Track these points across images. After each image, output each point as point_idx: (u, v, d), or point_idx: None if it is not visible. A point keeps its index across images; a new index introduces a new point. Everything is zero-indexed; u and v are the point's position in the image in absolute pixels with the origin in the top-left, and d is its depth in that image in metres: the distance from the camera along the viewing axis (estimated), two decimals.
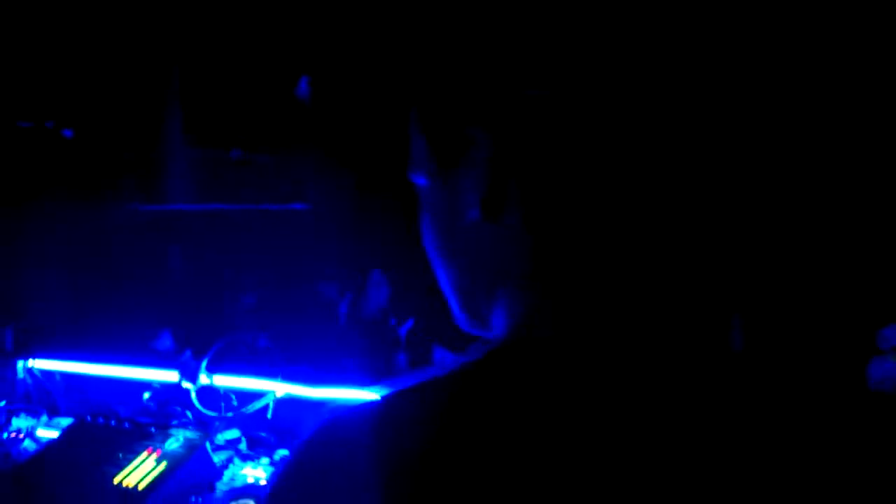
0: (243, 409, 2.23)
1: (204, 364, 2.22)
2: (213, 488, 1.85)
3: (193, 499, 1.75)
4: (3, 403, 2.49)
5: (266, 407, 2.25)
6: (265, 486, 1.88)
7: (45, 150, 3.05)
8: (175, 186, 3.82)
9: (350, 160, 4.78)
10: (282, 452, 2.18)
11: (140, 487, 1.79)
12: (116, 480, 1.83)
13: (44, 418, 2.51)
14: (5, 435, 2.33)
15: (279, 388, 2.28)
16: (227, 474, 2.00)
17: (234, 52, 4.05)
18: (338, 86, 4.60)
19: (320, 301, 4.34)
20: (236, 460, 2.11)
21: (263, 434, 2.26)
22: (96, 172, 3.18)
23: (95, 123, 3.28)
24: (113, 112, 3.36)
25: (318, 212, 4.50)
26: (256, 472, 2.04)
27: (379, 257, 4.57)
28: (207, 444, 1.97)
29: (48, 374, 2.72)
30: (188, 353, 2.27)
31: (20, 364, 2.68)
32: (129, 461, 1.89)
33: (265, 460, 2.14)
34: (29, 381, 2.69)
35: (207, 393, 2.26)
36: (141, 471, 1.85)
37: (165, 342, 2.24)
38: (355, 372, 2.31)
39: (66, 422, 2.34)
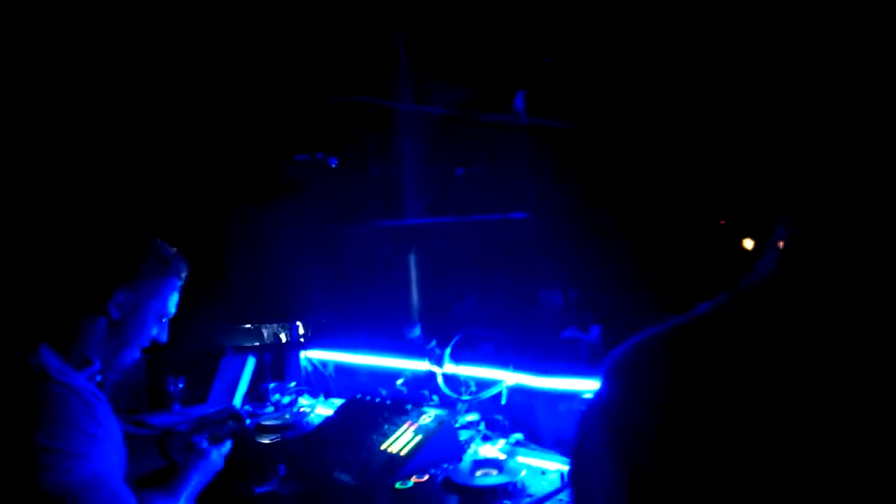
0: (481, 395, 2.50)
1: (448, 352, 2.54)
2: (460, 459, 2.12)
3: (445, 465, 2.04)
4: (293, 384, 3.07)
5: (499, 394, 2.51)
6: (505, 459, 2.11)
7: (319, 177, 3.72)
8: (412, 203, 4.33)
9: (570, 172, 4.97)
10: (516, 436, 2.41)
11: (402, 454, 2.13)
12: (383, 447, 2.19)
13: (321, 398, 3.04)
14: (296, 409, 2.88)
15: (510, 378, 2.52)
16: (470, 450, 2.28)
17: (459, 77, 4.47)
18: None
19: (541, 304, 4.56)
20: (477, 439, 2.38)
21: (499, 417, 2.52)
22: (353, 195, 3.79)
23: (351, 153, 3.89)
24: (363, 142, 3.98)
25: (538, 221, 4.73)
26: (494, 450, 2.28)
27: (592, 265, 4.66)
28: (453, 422, 2.27)
29: (323, 363, 3.29)
30: (434, 343, 2.61)
31: (302, 353, 3.28)
32: (393, 432, 2.25)
33: (501, 440, 2.38)
34: (309, 368, 3.27)
35: (451, 379, 2.58)
36: (402, 440, 2.20)
37: (416, 332, 2.61)
38: (572, 366, 2.46)
39: (338, 402, 2.81)
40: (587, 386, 2.37)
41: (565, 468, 1.95)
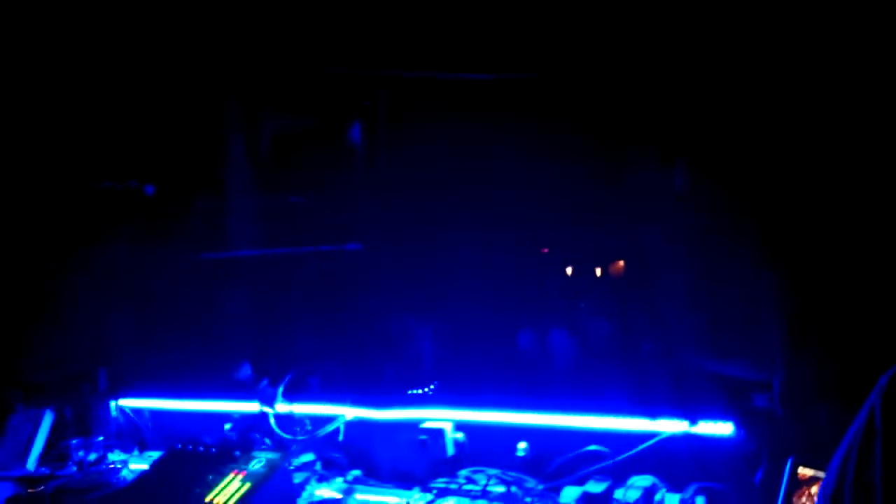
0: (317, 433, 2.39)
1: (280, 391, 2.40)
2: (293, 502, 2.00)
3: None
4: (101, 439, 2.72)
5: (337, 430, 2.41)
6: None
7: (129, 206, 3.37)
8: (239, 233, 4.10)
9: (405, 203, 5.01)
10: (354, 472, 2.33)
11: None
12: (207, 500, 2.00)
13: (135, 452, 2.73)
14: (105, 466, 2.55)
15: (348, 412, 2.43)
16: (305, 493, 2.16)
17: (293, 110, 4.36)
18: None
19: (381, 335, 4.52)
20: (313, 481, 2.26)
21: (336, 455, 2.42)
22: (172, 225, 3.49)
23: (170, 181, 3.60)
24: (186, 170, 3.69)
25: (370, 251, 4.71)
26: (331, 491, 2.18)
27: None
28: (287, 465, 2.13)
29: (138, 412, 2.95)
30: (265, 382, 2.45)
31: (112, 403, 2.93)
32: (218, 482, 2.06)
33: (339, 480, 2.28)
34: (121, 418, 2.92)
35: (284, 418, 2.44)
36: (229, 490, 2.02)
37: (246, 372, 2.44)
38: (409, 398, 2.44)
39: (155, 454, 2.54)
40: (426, 415, 2.36)
41: (399, 501, 1.90)
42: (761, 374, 1.75)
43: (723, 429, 1.95)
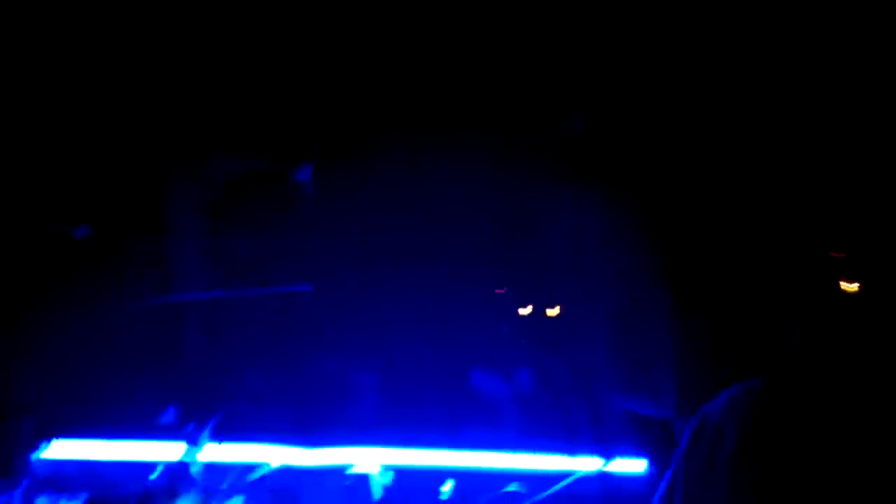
0: (244, 479, 2.36)
1: (206, 434, 2.38)
2: None
3: None
4: (22, 488, 2.64)
5: (264, 476, 2.39)
6: None
7: (62, 251, 3.34)
8: (183, 277, 4.07)
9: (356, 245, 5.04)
10: None
11: None
12: None
13: (63, 501, 2.65)
14: None
15: (276, 456, 2.42)
16: None
17: (235, 150, 4.38)
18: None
19: (324, 378, 4.49)
20: None
21: (264, 503, 2.39)
22: (108, 270, 3.46)
23: (106, 225, 3.58)
24: (123, 213, 3.68)
25: (320, 294, 4.71)
26: None
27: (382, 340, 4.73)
28: None
29: (62, 461, 2.87)
30: (192, 426, 2.42)
31: (38, 450, 2.84)
32: None
33: None
34: (45, 467, 2.84)
35: (211, 466, 2.41)
36: None
37: (170, 416, 2.41)
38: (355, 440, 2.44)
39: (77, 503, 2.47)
40: (353, 456, 2.36)
41: None
42: (668, 412, 1.83)
43: (636, 466, 2.01)
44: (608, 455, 2.01)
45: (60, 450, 2.85)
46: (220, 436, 2.44)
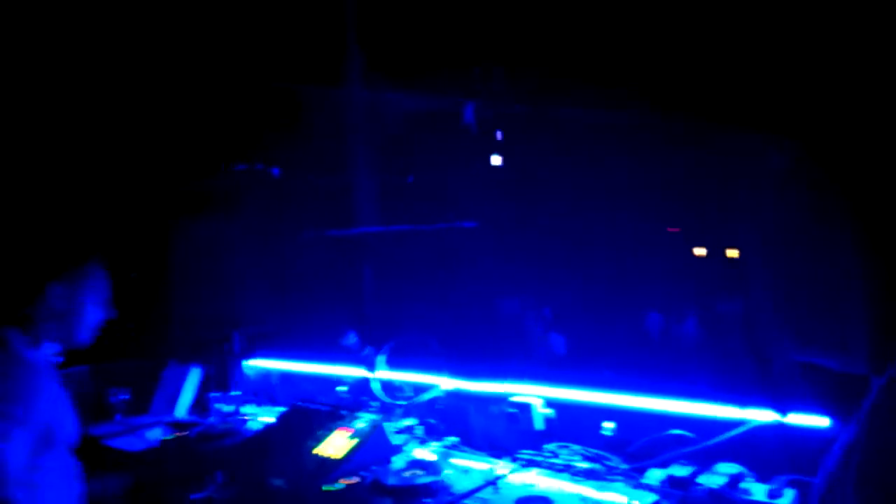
0: (416, 399, 2.58)
1: (382, 358, 2.62)
2: (389, 461, 2.19)
3: (374, 467, 2.10)
4: (237, 394, 3.10)
5: (435, 398, 2.58)
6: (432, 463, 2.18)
7: (259, 188, 3.75)
8: (361, 212, 4.38)
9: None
10: (451, 439, 2.49)
11: (334, 458, 2.19)
12: (316, 451, 2.25)
13: (266, 407, 3.07)
14: (238, 417, 2.91)
15: (445, 383, 2.60)
16: (403, 453, 2.35)
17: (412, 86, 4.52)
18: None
19: (490, 314, 4.66)
20: (413, 442, 2.45)
21: (433, 421, 2.59)
22: (298, 205, 3.83)
23: (295, 163, 3.94)
24: (309, 152, 4.01)
25: (484, 230, 4.83)
26: (427, 452, 2.36)
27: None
28: (386, 426, 2.33)
29: (267, 372, 3.32)
30: (370, 350, 2.67)
31: (248, 363, 3.31)
32: (326, 437, 2.31)
33: (436, 444, 2.46)
34: (253, 377, 3.30)
35: (388, 385, 2.65)
36: (335, 445, 2.26)
37: (351, 339, 2.67)
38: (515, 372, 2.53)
39: (279, 409, 2.85)
40: (518, 390, 2.46)
41: (488, 467, 2.03)
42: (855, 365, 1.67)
43: (816, 419, 1.88)
44: (784, 407, 1.90)
45: (263, 364, 3.29)
46: (394, 361, 2.65)
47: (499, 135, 5.27)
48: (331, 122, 4.29)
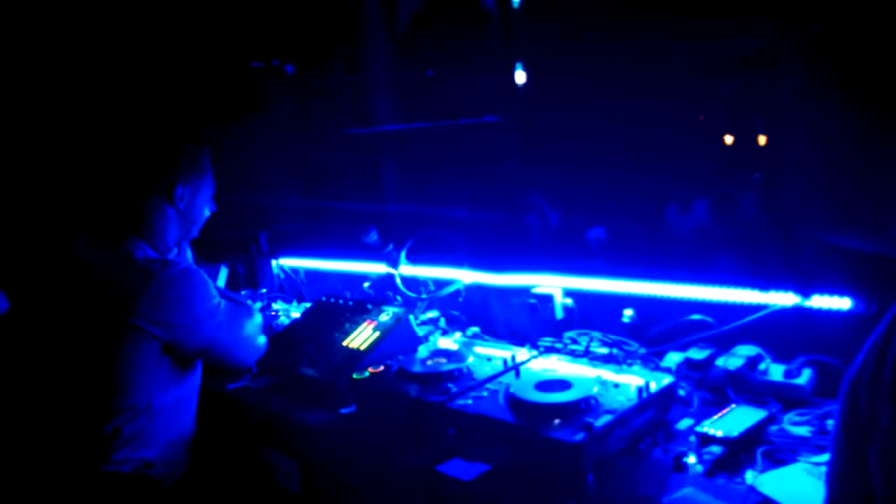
0: (438, 293, 2.63)
1: (403, 254, 2.65)
2: (414, 350, 2.27)
3: (401, 356, 2.18)
4: (265, 291, 3.20)
5: (458, 291, 2.64)
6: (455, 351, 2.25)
7: (274, 84, 3.69)
8: (380, 109, 4.29)
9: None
10: (473, 329, 2.56)
11: (361, 348, 2.27)
12: (345, 343, 2.33)
13: (294, 303, 3.18)
14: (268, 313, 3.02)
15: (466, 276, 2.64)
16: (428, 343, 2.43)
17: None
18: None
19: (513, 208, 4.63)
20: (436, 333, 2.53)
21: (456, 313, 2.66)
22: (315, 102, 3.77)
23: (311, 60, 3.83)
24: (326, 48, 3.90)
25: (507, 124, 4.71)
26: (450, 342, 2.43)
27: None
28: (411, 318, 2.40)
29: (294, 270, 3.40)
30: (391, 246, 2.70)
31: (273, 262, 3.39)
32: (354, 329, 2.39)
33: (458, 334, 2.53)
34: (281, 275, 3.39)
35: (411, 280, 2.70)
36: (362, 336, 2.34)
37: (372, 237, 2.71)
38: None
39: (307, 305, 2.94)
40: (535, 281, 2.49)
41: (509, 354, 2.09)
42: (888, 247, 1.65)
43: (839, 303, 1.88)
44: (807, 290, 1.89)
45: (290, 262, 3.37)
46: (415, 257, 2.69)
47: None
48: (345, 14, 4.13)
